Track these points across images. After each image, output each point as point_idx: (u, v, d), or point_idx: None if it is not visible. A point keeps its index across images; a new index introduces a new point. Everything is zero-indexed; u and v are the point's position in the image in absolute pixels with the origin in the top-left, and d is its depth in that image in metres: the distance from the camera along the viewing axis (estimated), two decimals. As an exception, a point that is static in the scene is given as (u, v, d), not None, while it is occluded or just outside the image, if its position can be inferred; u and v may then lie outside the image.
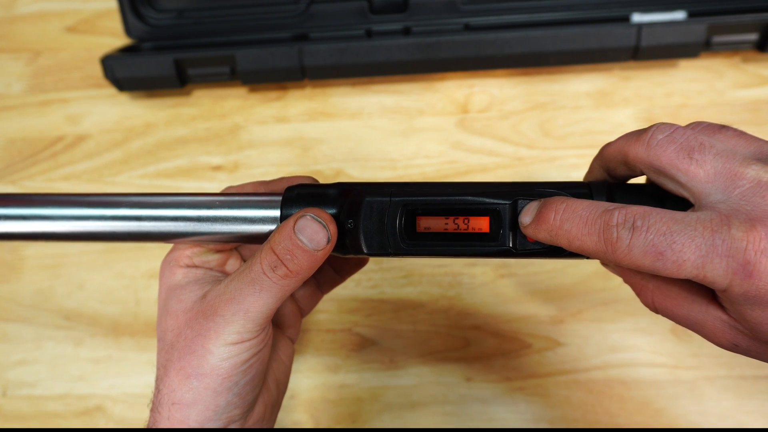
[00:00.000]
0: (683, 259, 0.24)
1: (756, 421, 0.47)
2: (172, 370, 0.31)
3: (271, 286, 0.30)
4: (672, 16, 0.54)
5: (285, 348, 0.38)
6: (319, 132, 0.58)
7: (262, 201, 0.33)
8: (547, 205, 0.28)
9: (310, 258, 0.30)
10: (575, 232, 0.26)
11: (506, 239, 0.30)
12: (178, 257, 0.34)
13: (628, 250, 0.24)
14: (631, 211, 0.25)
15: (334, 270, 0.40)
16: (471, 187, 0.31)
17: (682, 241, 0.24)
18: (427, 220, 0.30)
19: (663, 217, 0.24)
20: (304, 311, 0.40)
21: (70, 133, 0.61)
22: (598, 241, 0.25)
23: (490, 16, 0.57)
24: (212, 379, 0.30)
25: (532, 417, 0.49)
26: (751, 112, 0.54)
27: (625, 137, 0.29)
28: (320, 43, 0.55)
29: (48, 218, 0.33)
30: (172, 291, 0.33)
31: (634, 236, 0.24)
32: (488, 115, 0.57)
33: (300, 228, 0.30)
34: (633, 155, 0.28)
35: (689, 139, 0.26)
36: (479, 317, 0.52)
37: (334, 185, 0.33)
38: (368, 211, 0.31)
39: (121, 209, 0.33)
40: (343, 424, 0.51)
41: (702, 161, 0.25)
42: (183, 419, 0.31)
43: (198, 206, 0.33)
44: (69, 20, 0.65)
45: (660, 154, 0.26)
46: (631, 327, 0.50)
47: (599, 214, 0.26)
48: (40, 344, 0.55)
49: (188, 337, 0.31)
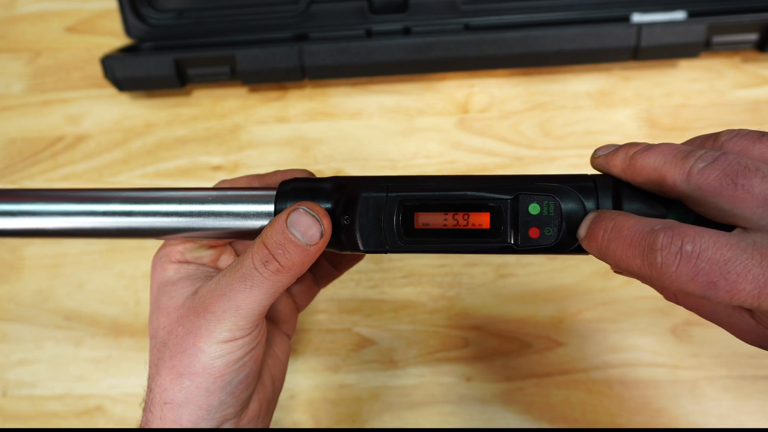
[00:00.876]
0: (738, 289, 0.22)
1: (756, 421, 0.47)
2: (163, 368, 0.31)
3: (263, 281, 0.29)
4: (672, 16, 0.54)
5: (281, 344, 0.38)
6: (319, 132, 0.58)
7: (256, 196, 0.32)
8: (598, 221, 0.26)
9: (303, 253, 0.29)
10: (621, 253, 0.25)
11: (507, 235, 0.29)
12: (169, 252, 0.34)
13: (675, 276, 0.23)
14: (679, 234, 0.23)
15: (330, 264, 0.39)
16: (471, 182, 0.30)
17: (737, 271, 0.22)
18: (425, 216, 0.29)
19: (716, 242, 0.23)
20: (300, 306, 0.39)
21: (70, 133, 0.61)
22: (642, 265, 0.24)
23: (490, 16, 0.57)
24: (204, 378, 0.30)
25: (532, 417, 0.49)
26: (751, 112, 0.54)
27: (663, 157, 0.26)
28: (320, 43, 0.55)
29: (36, 214, 0.32)
30: (164, 287, 0.33)
31: (683, 263, 0.23)
32: (488, 115, 0.57)
33: (292, 222, 0.29)
34: (671, 182, 0.26)
35: (732, 165, 0.24)
36: (479, 317, 0.52)
37: (329, 179, 0.32)
38: (364, 207, 0.30)
39: (112, 204, 0.32)
40: (343, 424, 0.51)
41: (749, 186, 0.24)
42: (175, 419, 0.30)
43: (190, 201, 0.32)
44: (69, 20, 0.65)
45: (702, 183, 0.25)
46: (631, 327, 0.50)
47: (644, 234, 0.24)
48: (40, 344, 0.55)
49: (179, 335, 0.31)
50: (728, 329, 0.27)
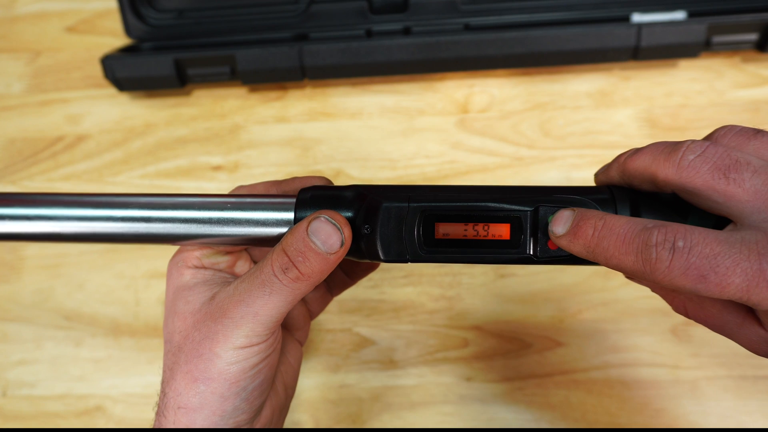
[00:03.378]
0: (727, 282, 0.23)
1: (756, 421, 0.47)
2: (178, 373, 0.31)
3: (282, 288, 0.29)
4: (672, 16, 0.54)
5: (293, 351, 0.37)
6: (319, 132, 0.58)
7: (276, 203, 0.32)
8: (586, 219, 0.27)
9: (323, 261, 0.29)
10: (613, 250, 0.25)
11: (527, 246, 0.29)
12: (186, 258, 0.34)
13: (667, 271, 0.23)
14: (672, 230, 0.24)
15: (344, 273, 0.39)
16: (490, 192, 0.30)
17: (726, 265, 0.23)
18: (446, 227, 0.30)
19: (705, 238, 0.23)
20: (313, 314, 0.39)
21: (70, 133, 0.61)
22: (636, 261, 0.24)
23: (490, 16, 0.57)
24: (220, 384, 0.30)
25: (532, 417, 0.49)
26: (751, 112, 0.54)
27: (651, 154, 0.27)
28: (320, 43, 0.55)
29: (54, 219, 0.32)
30: (180, 292, 0.33)
31: (675, 257, 0.23)
32: (488, 115, 0.57)
33: (313, 230, 0.29)
34: (663, 177, 0.26)
35: (723, 158, 0.25)
36: (479, 317, 0.52)
37: (350, 187, 0.32)
38: (386, 217, 0.30)
39: (130, 210, 0.32)
40: (343, 424, 0.51)
41: (740, 180, 0.24)
42: (189, 424, 0.30)
43: (209, 208, 0.32)
44: (69, 20, 0.65)
45: (693, 176, 0.25)
46: (631, 327, 0.50)
47: (638, 232, 0.25)
48: (40, 344, 0.55)
49: (196, 340, 0.30)
50: (738, 340, 0.27)
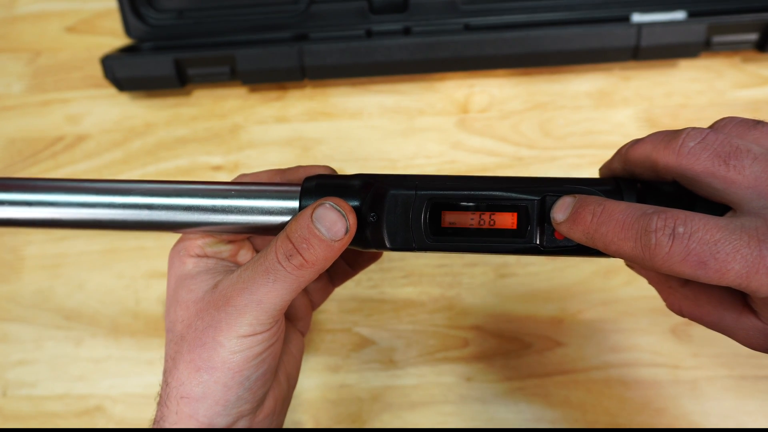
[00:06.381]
0: (727, 268, 0.23)
1: (756, 421, 0.47)
2: (181, 362, 0.30)
3: (286, 276, 0.29)
4: (672, 16, 0.54)
5: (296, 341, 0.37)
6: (319, 132, 0.58)
7: (280, 191, 0.31)
8: (585, 205, 0.27)
9: (327, 248, 0.29)
10: (612, 236, 0.25)
11: (534, 236, 0.29)
12: (188, 246, 0.33)
13: (667, 257, 0.23)
14: (672, 216, 0.24)
15: (347, 263, 0.39)
16: (497, 182, 0.30)
17: (726, 251, 0.23)
18: (452, 215, 0.29)
19: (706, 224, 0.23)
20: (315, 304, 0.39)
21: (70, 133, 0.61)
22: (636, 247, 0.24)
23: (490, 16, 0.57)
24: (223, 373, 0.30)
25: (532, 417, 0.49)
26: (751, 112, 0.54)
27: (652, 143, 0.27)
28: (320, 43, 0.55)
29: (55, 204, 0.31)
30: (182, 281, 0.32)
31: (675, 243, 0.23)
32: (488, 115, 0.57)
33: (318, 216, 0.29)
34: (663, 164, 0.26)
35: (723, 144, 0.25)
36: (479, 317, 0.52)
37: (356, 176, 0.32)
38: (392, 205, 0.30)
39: (132, 197, 0.31)
40: (343, 424, 0.51)
41: (740, 167, 0.24)
42: (191, 413, 0.30)
43: (213, 195, 0.31)
44: (69, 20, 0.65)
45: (693, 162, 0.25)
46: (631, 327, 0.50)
47: (637, 218, 0.25)
48: (40, 344, 0.55)
49: (199, 329, 0.30)
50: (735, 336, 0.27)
